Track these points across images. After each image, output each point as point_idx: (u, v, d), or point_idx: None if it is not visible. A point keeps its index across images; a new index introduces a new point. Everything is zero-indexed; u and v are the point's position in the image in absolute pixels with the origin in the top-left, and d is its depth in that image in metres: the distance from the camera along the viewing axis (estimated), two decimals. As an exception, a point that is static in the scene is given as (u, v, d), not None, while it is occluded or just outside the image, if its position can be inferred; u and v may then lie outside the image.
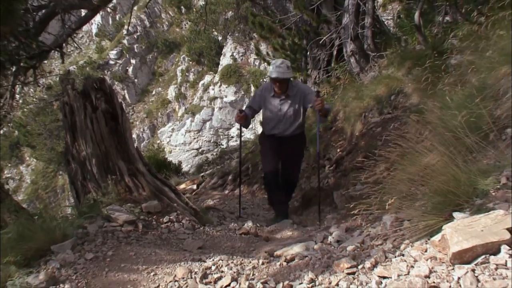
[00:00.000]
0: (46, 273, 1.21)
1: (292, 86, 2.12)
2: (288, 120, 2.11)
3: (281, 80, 2.03)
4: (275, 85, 2.07)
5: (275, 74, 2.01)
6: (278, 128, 2.14)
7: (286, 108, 2.10)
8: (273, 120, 2.15)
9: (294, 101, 2.10)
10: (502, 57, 1.49)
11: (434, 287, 0.94)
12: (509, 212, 1.02)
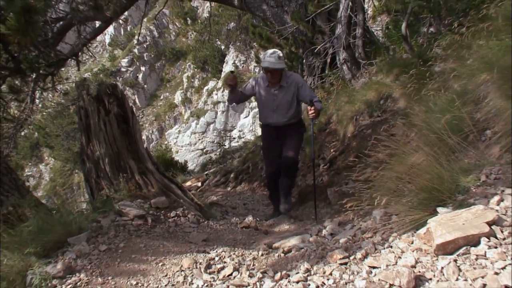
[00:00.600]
0: (63, 263, 1.21)
1: (286, 77, 1.95)
2: (282, 110, 1.96)
3: (272, 70, 1.86)
4: (267, 75, 1.91)
5: (266, 63, 1.86)
6: (273, 117, 1.99)
7: (280, 98, 1.94)
8: (267, 110, 2.00)
9: (288, 92, 1.94)
10: (482, 65, 1.49)
11: (420, 276, 0.95)
12: (488, 207, 1.02)
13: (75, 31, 3.53)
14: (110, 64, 14.61)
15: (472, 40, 1.83)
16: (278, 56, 1.86)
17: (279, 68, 1.87)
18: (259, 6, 3.91)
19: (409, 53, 2.72)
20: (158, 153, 6.28)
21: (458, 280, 0.90)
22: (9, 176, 1.81)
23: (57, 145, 8.84)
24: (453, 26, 2.36)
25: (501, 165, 1.16)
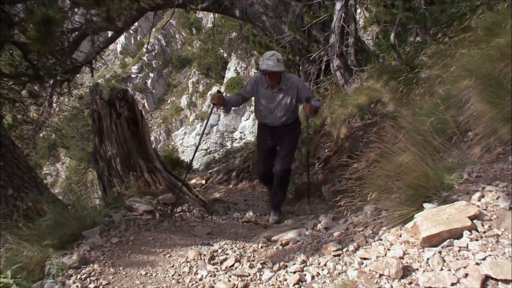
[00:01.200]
0: (78, 254, 1.21)
1: (286, 79, 1.80)
2: (280, 112, 1.82)
3: (270, 73, 1.71)
4: (265, 78, 1.76)
5: (264, 66, 1.70)
6: (269, 118, 1.85)
7: (278, 100, 1.80)
8: (265, 111, 1.85)
9: (287, 94, 1.79)
10: (464, 72, 1.49)
11: (407, 267, 0.95)
12: (470, 203, 1.02)
13: (89, 41, 3.55)
14: (121, 70, 14.65)
15: (455, 49, 1.83)
16: (277, 59, 1.72)
17: (277, 71, 1.73)
18: (259, 17, 3.92)
19: (397, 61, 2.73)
20: (165, 153, 6.24)
21: (442, 270, 0.90)
22: (28, 174, 1.80)
23: (72, 146, 8.87)
24: (437, 36, 2.37)
25: (482, 164, 1.16)
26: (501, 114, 1.20)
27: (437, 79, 1.71)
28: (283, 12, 3.68)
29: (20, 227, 1.33)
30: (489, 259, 0.87)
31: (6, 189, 1.67)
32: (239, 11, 4.06)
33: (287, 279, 1.08)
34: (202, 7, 4.03)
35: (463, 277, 0.86)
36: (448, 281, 0.87)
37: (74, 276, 1.13)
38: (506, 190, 1.03)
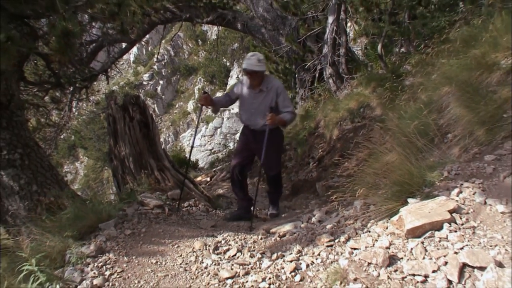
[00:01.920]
0: (95, 245, 1.22)
1: (267, 82, 1.66)
2: (259, 114, 1.66)
3: (250, 72, 1.59)
4: (247, 78, 1.65)
5: (245, 65, 1.59)
6: (250, 120, 1.71)
7: (259, 102, 1.66)
8: (246, 112, 1.72)
9: (267, 96, 1.65)
10: (444, 79, 1.50)
11: (393, 256, 0.95)
12: (449, 198, 1.03)
13: (105, 51, 3.58)
14: (134, 78, 14.72)
15: (436, 59, 1.85)
16: (257, 59, 1.59)
17: (257, 70, 1.59)
18: (258, 30, 3.95)
19: (384, 69, 2.74)
20: (173, 153, 6.22)
21: (424, 259, 0.90)
22: (51, 172, 1.81)
23: (90, 146, 8.91)
24: (420, 47, 2.38)
25: (460, 163, 1.17)
26: (477, 118, 1.21)
27: (420, 86, 1.72)
28: (280, 25, 3.71)
29: (43, 220, 1.34)
30: (466, 249, 0.88)
31: (30, 185, 1.67)
32: (240, 24, 4.09)
33: (284, 267, 1.09)
34: (207, 20, 4.07)
35: (443, 265, 0.87)
36: (430, 269, 0.87)
37: (92, 264, 1.13)
38: (481, 186, 1.03)
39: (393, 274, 0.90)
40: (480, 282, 0.80)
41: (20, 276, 0.94)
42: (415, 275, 0.88)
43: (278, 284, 1.02)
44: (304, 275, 1.04)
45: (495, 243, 0.88)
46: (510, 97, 1.20)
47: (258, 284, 1.03)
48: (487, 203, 0.98)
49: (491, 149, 1.16)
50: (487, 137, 1.18)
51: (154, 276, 1.09)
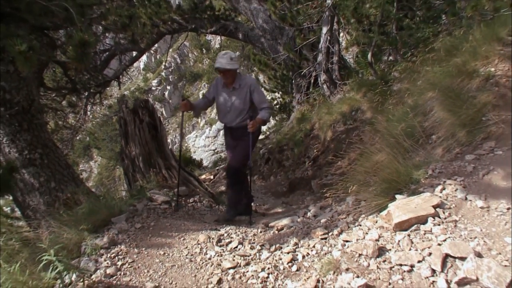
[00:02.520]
0: (108, 237, 1.22)
1: (240, 79, 1.57)
2: (234, 112, 1.58)
3: (223, 70, 1.51)
4: (220, 76, 1.56)
5: (217, 64, 1.50)
6: (226, 118, 1.62)
7: (233, 100, 1.57)
8: (222, 111, 1.63)
9: (241, 93, 1.56)
10: (428, 85, 1.50)
11: (382, 248, 0.96)
12: (433, 194, 1.03)
13: (117, 59, 3.61)
14: (143, 84, 14.77)
15: (421, 67, 1.85)
16: (230, 57, 1.51)
17: (230, 68, 1.50)
18: (258, 39, 3.97)
19: (373, 76, 2.75)
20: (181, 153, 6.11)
21: (410, 250, 0.91)
22: (67, 170, 1.82)
23: (103, 147, 8.95)
24: (406, 56, 2.39)
25: (443, 162, 1.17)
26: (458, 121, 1.22)
27: (407, 91, 1.74)
28: (278, 35, 3.74)
29: (61, 214, 1.34)
30: (448, 241, 0.88)
31: (49, 182, 1.69)
32: (241, 34, 4.12)
33: (282, 258, 1.09)
34: (211, 31, 4.10)
35: (428, 255, 0.87)
36: (415, 259, 0.88)
37: (105, 255, 1.14)
38: (462, 183, 1.04)
39: (382, 264, 0.91)
40: (461, 271, 0.80)
41: (40, 265, 0.95)
42: (402, 265, 0.88)
43: (276, 274, 1.02)
44: (300, 265, 1.04)
45: (475, 235, 0.88)
46: (489, 101, 1.21)
47: (258, 274, 1.03)
48: (468, 198, 0.99)
49: (471, 149, 1.16)
50: (468, 138, 1.19)
51: (162, 266, 1.10)
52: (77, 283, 0.97)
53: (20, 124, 1.66)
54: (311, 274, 0.98)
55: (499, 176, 1.01)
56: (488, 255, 0.82)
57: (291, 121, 4.00)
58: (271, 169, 3.30)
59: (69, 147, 3.55)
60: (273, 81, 4.90)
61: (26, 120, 1.69)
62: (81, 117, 3.40)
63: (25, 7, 1.56)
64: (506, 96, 1.23)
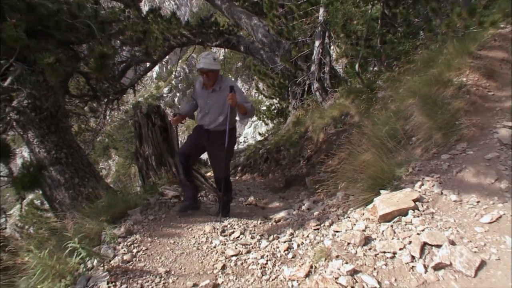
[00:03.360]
0: (125, 227, 1.23)
1: (221, 81, 1.42)
2: (213, 114, 1.42)
3: (207, 71, 1.36)
4: (203, 77, 1.40)
5: (201, 64, 1.36)
6: (205, 120, 1.45)
7: (213, 102, 1.41)
8: (201, 112, 1.46)
9: (221, 95, 1.40)
10: (409, 93, 1.52)
11: (368, 237, 0.97)
12: (413, 189, 1.05)
13: (133, 70, 3.65)
14: (155, 91, 14.85)
15: (402, 76, 1.87)
16: (213, 58, 1.38)
17: (214, 69, 1.37)
18: (258, 51, 4.02)
19: (360, 84, 2.77)
20: None
21: (393, 239, 0.92)
22: (89, 168, 1.85)
23: (120, 147, 9.02)
24: (390, 67, 2.41)
25: (422, 161, 1.18)
26: (435, 124, 1.23)
27: (390, 98, 1.75)
28: (276, 48, 3.78)
29: (83, 207, 1.36)
30: (426, 230, 0.89)
31: (73, 178, 1.72)
32: (243, 47, 4.17)
33: (279, 247, 1.10)
34: (215, 44, 4.16)
35: (408, 243, 0.89)
36: (397, 247, 0.89)
37: (122, 243, 1.15)
38: (439, 180, 1.05)
39: (368, 251, 0.92)
40: (436, 257, 0.81)
41: (66, 252, 0.96)
42: (385, 252, 0.90)
43: (274, 261, 1.03)
44: (295, 253, 1.05)
45: (449, 225, 0.89)
46: (461, 107, 1.22)
47: (258, 261, 1.04)
48: (443, 193, 1.00)
49: (446, 150, 1.17)
50: (443, 140, 1.20)
51: (172, 253, 1.11)
52: (98, 267, 0.98)
53: (48, 127, 1.70)
54: (305, 260, 0.99)
55: (470, 173, 1.02)
56: (460, 242, 0.83)
57: (287, 124, 4.02)
58: (270, 167, 3.30)
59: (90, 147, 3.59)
60: (271, 88, 4.94)
61: (53, 123, 1.73)
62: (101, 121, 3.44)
63: (54, 25, 1.60)
64: (476, 103, 1.25)
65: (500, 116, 1.19)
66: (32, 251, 0.92)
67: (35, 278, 0.89)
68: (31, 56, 1.51)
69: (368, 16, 2.44)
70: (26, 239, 1.10)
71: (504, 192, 0.93)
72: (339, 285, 0.83)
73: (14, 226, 2.55)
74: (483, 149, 1.09)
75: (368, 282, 0.83)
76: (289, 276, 0.94)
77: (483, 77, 1.36)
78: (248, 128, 9.81)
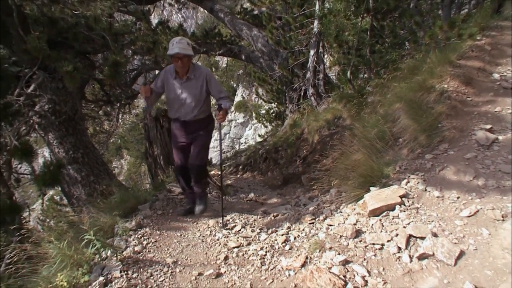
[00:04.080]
0: (136, 221, 1.24)
1: (194, 69, 1.21)
2: (190, 104, 1.22)
3: (183, 56, 1.14)
4: (177, 64, 1.17)
5: (176, 49, 1.12)
6: (180, 111, 1.24)
7: (188, 91, 1.21)
8: (175, 104, 1.25)
9: (196, 84, 1.20)
10: (396, 98, 1.53)
11: (359, 230, 0.98)
12: (400, 186, 1.06)
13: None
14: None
15: (390, 83, 1.88)
16: (187, 42, 1.16)
17: (190, 54, 1.15)
18: (258, 60, 4.06)
19: (352, 90, 2.79)
20: None
21: (381, 232, 0.93)
22: (103, 167, 1.88)
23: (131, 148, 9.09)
24: (378, 74, 2.44)
25: (408, 160, 1.20)
26: (420, 127, 1.24)
27: (379, 102, 1.77)
28: (274, 56, 3.82)
29: (98, 202, 1.36)
30: (411, 224, 0.91)
31: (89, 176, 1.74)
32: (244, 56, 4.21)
33: (277, 239, 1.11)
34: (219, 53, 4.20)
35: (395, 236, 0.90)
36: (385, 239, 0.90)
37: (133, 235, 1.16)
38: (423, 177, 1.06)
39: (359, 243, 0.93)
40: (421, 248, 0.83)
41: (83, 243, 0.98)
42: (374, 244, 0.91)
43: (273, 252, 1.04)
44: (292, 245, 1.06)
45: (432, 219, 0.91)
46: (443, 111, 1.24)
47: (257, 252, 1.05)
48: (427, 190, 1.02)
49: (430, 150, 1.19)
50: (427, 141, 1.21)
51: (179, 245, 1.12)
52: (112, 257, 0.98)
53: (66, 129, 1.73)
54: (301, 252, 1.00)
55: (451, 171, 1.04)
56: (442, 234, 0.85)
57: (285, 127, 4.05)
58: (268, 166, 3.32)
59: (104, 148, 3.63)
60: (270, 94, 4.99)
61: (71, 126, 1.76)
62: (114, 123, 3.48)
63: (72, 37, 1.64)
64: (456, 107, 1.27)
65: (478, 120, 1.21)
66: (53, 242, 0.94)
67: (56, 266, 0.90)
68: (51, 65, 1.54)
69: (359, 28, 2.46)
70: (47, 231, 1.11)
71: (481, 189, 0.94)
72: (332, 274, 0.84)
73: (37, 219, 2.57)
74: (463, 150, 1.10)
75: (358, 271, 0.84)
76: (286, 266, 0.95)
77: (462, 84, 1.38)
78: (248, 130, 9.88)
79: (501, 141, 1.09)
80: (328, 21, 2.66)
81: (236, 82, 11.62)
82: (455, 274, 0.75)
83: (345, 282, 0.82)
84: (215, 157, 8.14)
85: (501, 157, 1.02)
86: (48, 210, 2.68)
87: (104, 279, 0.90)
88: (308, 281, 0.83)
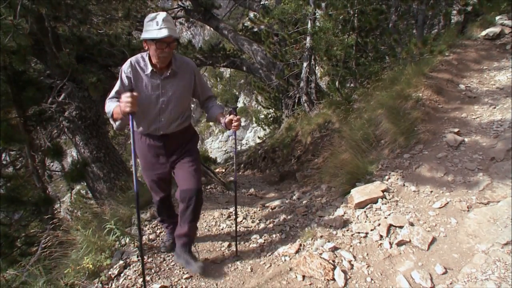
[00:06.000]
0: (150, 213, 1.25)
1: (176, 60, 0.75)
2: (173, 109, 0.76)
3: (173, 40, 0.70)
4: (160, 53, 0.70)
5: (165, 31, 0.67)
6: (158, 122, 0.77)
7: (172, 91, 0.75)
8: (150, 111, 0.76)
9: (182, 80, 0.76)
10: (378, 105, 1.56)
11: (346, 221, 1.00)
12: (382, 182, 1.08)
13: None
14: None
15: (373, 91, 1.92)
16: (172, 20, 0.70)
17: (178, 37, 0.70)
18: (257, 71, 4.15)
19: (340, 98, 2.85)
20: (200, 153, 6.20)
21: (366, 222, 0.96)
22: (122, 165, 1.89)
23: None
24: (363, 84, 2.49)
25: (388, 159, 1.22)
26: (399, 130, 1.28)
27: (363, 109, 1.80)
28: (272, 68, 3.91)
29: (118, 196, 1.38)
30: (392, 215, 0.93)
31: (110, 173, 1.76)
32: (245, 67, 4.30)
33: (274, 229, 1.13)
34: (223, 65, 4.31)
35: (377, 225, 0.92)
36: (369, 228, 0.93)
37: (148, 225, 1.17)
38: (402, 174, 1.09)
39: (346, 232, 0.95)
40: (399, 236, 0.85)
41: (105, 231, 0.99)
42: (359, 233, 0.93)
43: (270, 240, 1.05)
44: (287, 234, 1.08)
45: (409, 210, 0.93)
46: (419, 117, 1.27)
47: (257, 240, 1.06)
48: (405, 185, 1.05)
49: (407, 150, 1.22)
50: (405, 142, 1.24)
51: (188, 234, 1.13)
52: (130, 244, 1.00)
53: (91, 132, 1.77)
54: (295, 240, 1.01)
55: (425, 169, 1.07)
56: (417, 224, 0.87)
57: (281, 130, 4.10)
58: (267, 164, 3.35)
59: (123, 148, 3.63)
60: (268, 100, 5.08)
61: (94, 129, 1.79)
62: (131, 127, 3.48)
63: (97, 52, 1.69)
64: (429, 113, 1.31)
65: (448, 124, 1.25)
66: (80, 230, 0.95)
67: (82, 251, 0.91)
68: (79, 77, 1.58)
69: (345, 43, 2.54)
70: (75, 221, 1.10)
71: (450, 184, 0.97)
72: (322, 259, 0.85)
73: (66, 210, 2.59)
74: (435, 150, 1.14)
75: (345, 256, 0.86)
76: (282, 253, 0.96)
77: (434, 93, 1.42)
78: (249, 133, 9.97)
79: (467, 142, 1.13)
80: (319, 38, 2.72)
81: (238, 90, 11.78)
82: (428, 258, 0.77)
83: (334, 266, 0.83)
84: (219, 156, 8.16)
85: (467, 156, 1.06)
86: (75, 202, 2.65)
87: (124, 263, 0.92)
88: (302, 266, 0.85)
